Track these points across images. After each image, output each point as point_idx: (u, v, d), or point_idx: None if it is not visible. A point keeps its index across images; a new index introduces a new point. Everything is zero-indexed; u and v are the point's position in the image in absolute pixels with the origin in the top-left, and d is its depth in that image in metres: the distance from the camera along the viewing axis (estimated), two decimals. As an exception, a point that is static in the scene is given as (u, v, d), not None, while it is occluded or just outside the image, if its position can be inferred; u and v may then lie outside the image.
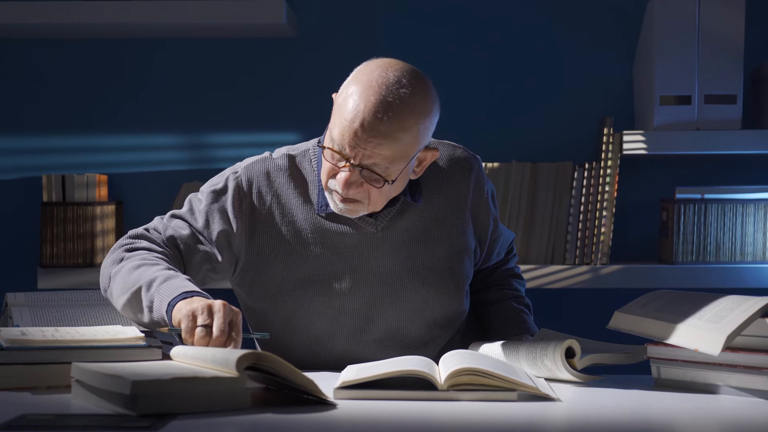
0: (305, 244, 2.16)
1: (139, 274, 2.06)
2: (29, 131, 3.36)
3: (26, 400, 1.79)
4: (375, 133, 2.00)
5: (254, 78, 3.33)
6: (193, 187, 3.22)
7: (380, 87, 2.01)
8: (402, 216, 2.18)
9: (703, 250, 3.13)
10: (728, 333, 1.82)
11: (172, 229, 2.20)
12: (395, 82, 2.02)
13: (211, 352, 1.79)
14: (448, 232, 2.20)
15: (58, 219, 3.13)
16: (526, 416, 1.73)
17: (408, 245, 2.18)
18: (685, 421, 1.73)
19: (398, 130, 2.00)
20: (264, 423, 1.67)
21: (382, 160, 2.02)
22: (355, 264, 2.16)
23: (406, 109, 2.01)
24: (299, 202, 2.17)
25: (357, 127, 2.00)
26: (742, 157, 3.27)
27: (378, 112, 1.99)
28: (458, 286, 2.22)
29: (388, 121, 1.99)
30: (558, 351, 1.96)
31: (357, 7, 3.31)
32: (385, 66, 2.05)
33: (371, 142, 2.00)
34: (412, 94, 2.02)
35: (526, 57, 3.31)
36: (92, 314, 2.26)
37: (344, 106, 2.03)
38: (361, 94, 2.01)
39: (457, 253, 2.21)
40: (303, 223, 2.16)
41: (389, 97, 2.00)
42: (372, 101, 2.00)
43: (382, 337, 2.18)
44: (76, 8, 3.06)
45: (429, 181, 2.20)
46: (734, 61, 3.06)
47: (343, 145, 2.03)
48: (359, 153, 2.02)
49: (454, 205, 2.21)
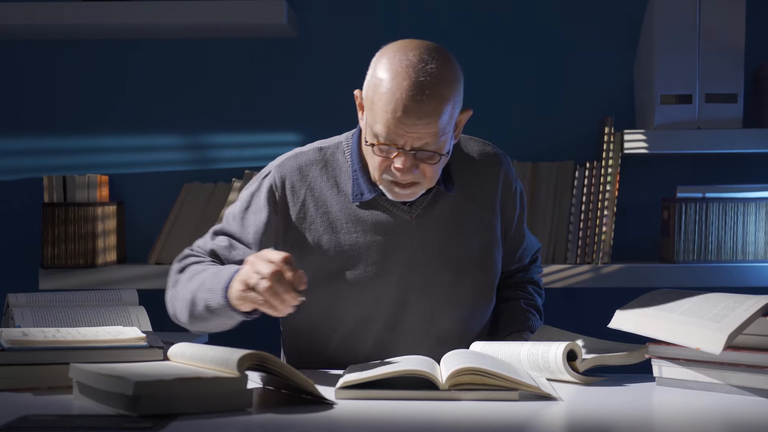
0: (341, 234, 2.19)
1: (190, 290, 2.13)
2: (30, 132, 3.36)
3: (28, 401, 1.80)
4: (420, 114, 2.03)
5: (255, 78, 3.33)
6: (194, 188, 3.22)
7: (407, 70, 2.04)
8: (435, 205, 2.21)
9: (704, 249, 3.13)
10: (730, 332, 1.82)
11: (211, 243, 2.25)
12: (419, 60, 2.05)
13: (212, 353, 1.79)
14: (479, 224, 2.24)
15: (60, 220, 3.13)
16: (528, 416, 1.73)
17: (441, 235, 2.21)
18: (687, 420, 1.73)
19: (438, 104, 2.04)
20: (265, 423, 1.67)
21: (431, 138, 2.06)
22: (390, 252, 2.19)
23: (438, 82, 2.04)
24: (333, 193, 2.20)
25: (400, 115, 2.03)
26: (743, 156, 3.26)
27: (416, 95, 2.03)
28: (489, 279, 2.25)
29: (427, 100, 2.03)
30: (560, 354, 1.96)
31: (357, 7, 3.31)
32: (402, 49, 2.08)
33: (418, 125, 2.04)
34: (438, 66, 2.06)
35: (526, 57, 3.31)
36: (93, 315, 2.27)
37: (379, 99, 2.05)
38: (392, 83, 2.04)
39: (488, 246, 2.25)
40: (338, 214, 2.19)
41: (420, 77, 2.03)
42: (406, 86, 2.03)
43: (415, 326, 2.21)
44: (78, 9, 3.06)
45: (461, 173, 2.24)
46: (735, 60, 3.06)
47: (391, 137, 2.06)
48: (409, 139, 2.06)
49: (484, 198, 2.25)
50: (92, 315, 2.27)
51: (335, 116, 3.30)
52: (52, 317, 2.24)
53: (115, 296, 2.45)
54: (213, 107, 3.34)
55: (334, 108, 3.30)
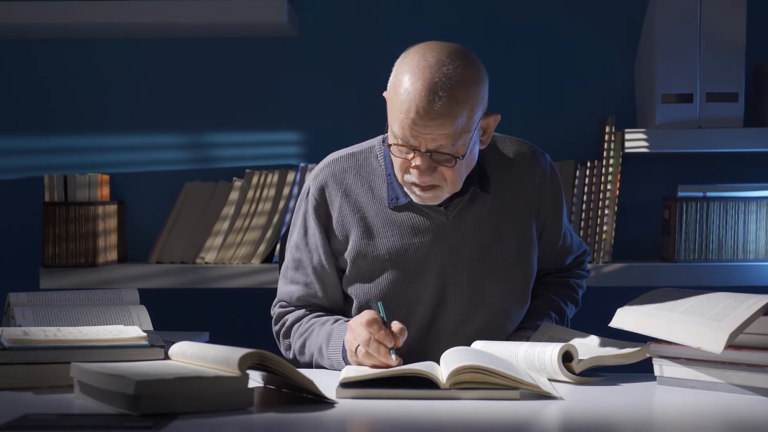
0: (378, 239, 2.21)
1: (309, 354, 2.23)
2: (31, 131, 3.36)
3: (28, 400, 1.80)
4: (433, 115, 2.04)
5: (256, 77, 3.33)
6: (195, 187, 3.22)
7: (424, 71, 2.05)
8: (471, 206, 2.22)
9: (705, 248, 3.13)
10: (731, 331, 1.82)
11: (291, 289, 2.29)
12: (436, 62, 2.06)
13: (213, 352, 1.79)
14: (515, 225, 2.24)
15: (60, 219, 3.13)
16: (528, 415, 1.73)
17: (477, 236, 2.22)
18: (688, 419, 1.73)
19: (453, 105, 2.04)
20: (266, 422, 1.67)
21: (446, 140, 2.06)
22: (427, 254, 2.20)
23: (454, 84, 2.05)
24: (369, 198, 2.22)
25: (414, 116, 2.05)
26: (744, 155, 3.26)
27: (429, 95, 2.04)
28: (524, 280, 2.26)
29: (440, 101, 2.04)
30: (555, 356, 1.95)
31: (358, 6, 3.31)
32: (423, 51, 2.09)
33: (431, 125, 2.05)
34: (456, 68, 2.06)
35: (527, 56, 3.31)
36: (94, 314, 2.26)
37: (396, 100, 2.08)
38: (408, 83, 2.06)
39: (524, 246, 2.25)
40: (374, 219, 2.21)
41: (435, 78, 2.05)
42: (420, 87, 2.04)
43: (450, 326, 2.22)
44: (79, 8, 3.06)
45: (497, 175, 2.25)
46: (736, 59, 3.06)
47: (406, 137, 2.07)
48: (423, 139, 2.06)
49: (521, 198, 2.26)
50: (93, 314, 2.27)
51: (336, 115, 3.30)
52: (53, 316, 2.24)
53: (116, 295, 2.45)
54: (214, 106, 3.33)
55: (335, 107, 3.30)
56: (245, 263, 3.16)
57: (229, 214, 3.18)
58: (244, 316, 3.31)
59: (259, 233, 3.16)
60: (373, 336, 1.98)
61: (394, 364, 1.95)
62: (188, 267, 3.15)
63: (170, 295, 3.27)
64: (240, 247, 3.17)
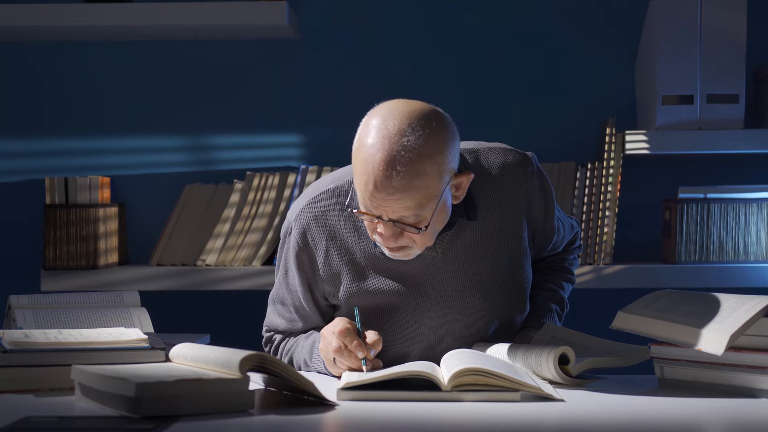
0: (369, 281, 2.14)
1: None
2: (31, 134, 3.36)
3: (29, 403, 1.80)
4: (390, 190, 1.95)
5: (256, 80, 3.33)
6: (195, 189, 3.22)
7: (383, 141, 1.95)
8: (460, 235, 2.14)
9: (706, 250, 3.13)
10: (731, 332, 1.82)
11: (277, 320, 2.27)
12: (396, 132, 1.95)
13: (213, 354, 1.79)
14: (507, 240, 2.18)
15: (61, 221, 3.13)
16: (529, 416, 1.73)
17: (470, 262, 2.16)
18: (689, 421, 1.73)
19: (412, 179, 1.95)
20: (267, 424, 1.67)
21: (407, 211, 1.98)
22: (420, 290, 2.15)
23: (414, 156, 1.94)
24: (354, 238, 2.14)
25: (372, 189, 1.96)
26: (744, 157, 3.26)
27: (387, 170, 1.94)
28: (521, 292, 2.21)
29: (399, 176, 1.94)
30: (551, 359, 1.95)
31: (359, 9, 3.31)
32: (384, 116, 1.98)
33: (389, 200, 1.97)
34: (418, 138, 1.95)
35: (528, 58, 3.31)
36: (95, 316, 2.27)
37: (357, 166, 1.99)
38: (367, 153, 1.97)
39: (517, 258, 2.19)
40: (362, 258, 2.14)
41: (393, 151, 1.94)
42: (377, 159, 1.95)
43: (450, 349, 2.15)
44: (79, 10, 3.06)
45: (484, 194, 2.16)
46: (736, 61, 3.06)
47: (368, 207, 2.00)
48: (384, 211, 1.99)
49: (510, 211, 2.18)
50: (94, 316, 2.27)
51: (337, 117, 3.30)
52: (54, 319, 2.24)
53: (116, 298, 2.45)
54: (214, 109, 3.34)
55: (335, 109, 3.30)
56: (246, 265, 3.16)
57: (230, 216, 3.18)
58: (245, 318, 3.31)
59: (260, 235, 3.16)
60: (345, 345, 1.98)
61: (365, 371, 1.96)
62: (189, 269, 3.15)
63: (171, 297, 3.27)
64: (241, 249, 3.17)
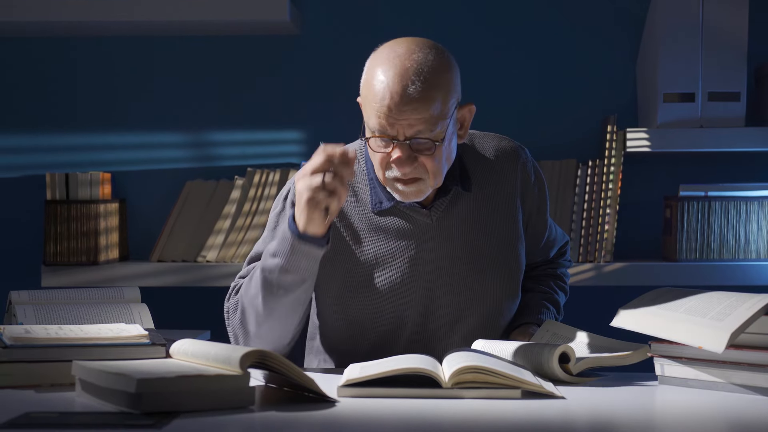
0: (364, 244, 2.19)
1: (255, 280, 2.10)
2: (32, 129, 3.36)
3: (30, 398, 1.80)
4: (407, 99, 2.04)
5: (258, 75, 3.33)
6: (196, 185, 3.22)
7: (395, 61, 2.06)
8: (455, 205, 2.21)
9: (706, 248, 3.13)
10: (732, 330, 1.82)
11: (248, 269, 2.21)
12: (406, 51, 2.07)
13: (214, 350, 1.79)
14: (501, 220, 2.24)
15: (62, 217, 3.13)
16: (530, 414, 1.73)
17: (463, 234, 2.21)
18: (690, 419, 1.73)
19: (427, 89, 2.04)
20: (268, 421, 1.67)
21: (424, 125, 2.05)
22: (414, 256, 2.19)
23: (426, 69, 2.05)
24: (353, 204, 2.20)
25: (389, 103, 2.04)
26: (745, 155, 3.26)
27: (402, 81, 2.04)
28: (513, 274, 2.25)
29: (414, 86, 2.04)
30: (552, 358, 1.95)
31: (360, 4, 3.31)
32: (391, 45, 2.10)
33: (407, 110, 2.04)
34: (426, 55, 2.07)
35: (529, 55, 3.31)
36: (96, 312, 2.26)
37: (370, 94, 2.07)
38: (380, 75, 2.06)
39: (511, 240, 2.25)
40: (359, 224, 2.19)
41: (407, 64, 2.05)
42: (392, 74, 2.05)
43: (443, 326, 2.20)
44: (81, 5, 3.06)
45: (478, 172, 2.24)
46: (738, 59, 3.06)
47: (383, 127, 2.06)
48: (401, 127, 2.06)
49: (504, 193, 2.25)
50: (95, 312, 2.27)
51: (338, 114, 3.30)
52: (55, 314, 2.24)
53: (117, 293, 2.45)
54: (215, 105, 3.34)
55: (336, 105, 3.30)
56: (247, 262, 3.16)
57: (231, 213, 3.18)
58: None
59: (260, 232, 3.16)
60: (334, 156, 1.95)
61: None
62: (190, 265, 3.15)
63: (172, 293, 3.28)
64: (241, 246, 3.17)
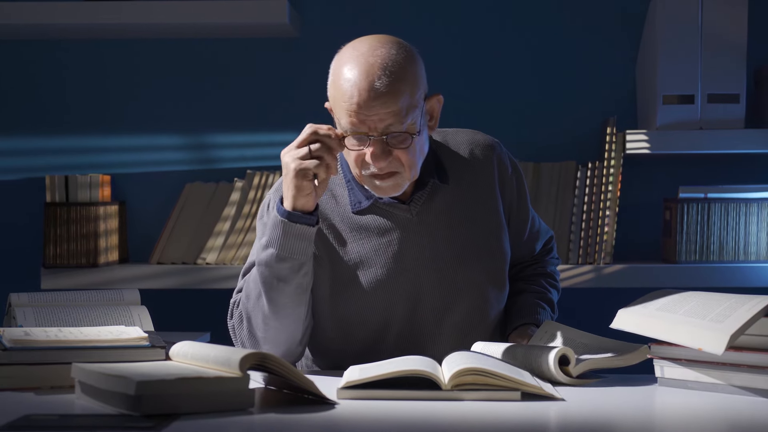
0: (348, 245, 2.19)
1: (253, 278, 2.13)
2: (32, 132, 3.36)
3: (30, 401, 1.80)
4: (375, 94, 2.05)
5: (257, 78, 3.33)
6: (196, 187, 3.22)
7: (359, 59, 2.08)
8: (434, 199, 2.22)
9: (706, 250, 3.13)
10: (732, 332, 1.82)
11: (244, 281, 2.22)
12: (369, 48, 2.09)
13: (213, 352, 1.79)
14: (481, 210, 2.25)
15: (62, 219, 3.13)
16: (530, 416, 1.73)
17: (444, 227, 2.22)
18: (689, 421, 1.73)
19: (394, 82, 2.06)
20: (267, 423, 1.67)
21: (393, 118, 2.07)
22: (397, 252, 2.20)
23: (391, 62, 2.08)
24: (332, 206, 2.21)
25: (357, 100, 2.06)
26: (745, 157, 3.26)
27: (369, 77, 2.06)
28: (499, 264, 2.26)
29: (381, 80, 2.05)
30: (552, 361, 1.95)
31: (359, 6, 3.31)
32: (352, 45, 2.12)
33: (376, 105, 2.06)
34: (389, 50, 2.09)
35: (528, 57, 3.31)
36: (96, 315, 2.27)
37: (338, 94, 2.09)
38: (346, 74, 2.08)
39: (494, 230, 2.26)
40: (341, 225, 2.20)
41: (371, 60, 2.07)
42: (358, 72, 2.07)
43: (432, 320, 2.21)
44: (79, 8, 3.06)
45: (454, 167, 2.26)
46: (737, 60, 3.06)
47: (355, 125, 2.08)
48: (372, 123, 2.07)
49: (482, 184, 2.26)
50: (94, 314, 2.27)
51: (337, 116, 3.29)
52: (54, 317, 2.24)
53: (117, 296, 2.45)
54: (215, 107, 3.34)
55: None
56: (246, 264, 3.16)
57: (231, 215, 3.18)
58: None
59: (260, 234, 3.16)
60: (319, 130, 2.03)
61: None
62: (189, 267, 3.15)
63: (171, 295, 3.27)
64: (241, 248, 3.17)
